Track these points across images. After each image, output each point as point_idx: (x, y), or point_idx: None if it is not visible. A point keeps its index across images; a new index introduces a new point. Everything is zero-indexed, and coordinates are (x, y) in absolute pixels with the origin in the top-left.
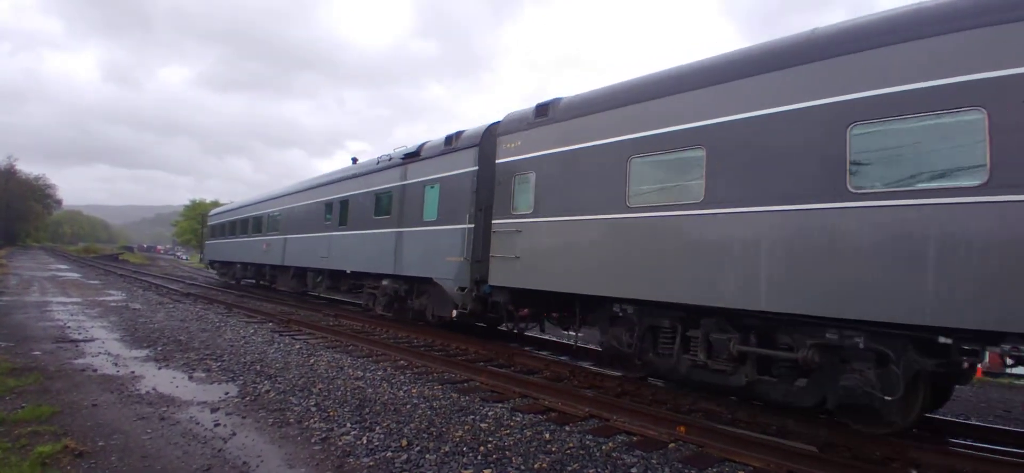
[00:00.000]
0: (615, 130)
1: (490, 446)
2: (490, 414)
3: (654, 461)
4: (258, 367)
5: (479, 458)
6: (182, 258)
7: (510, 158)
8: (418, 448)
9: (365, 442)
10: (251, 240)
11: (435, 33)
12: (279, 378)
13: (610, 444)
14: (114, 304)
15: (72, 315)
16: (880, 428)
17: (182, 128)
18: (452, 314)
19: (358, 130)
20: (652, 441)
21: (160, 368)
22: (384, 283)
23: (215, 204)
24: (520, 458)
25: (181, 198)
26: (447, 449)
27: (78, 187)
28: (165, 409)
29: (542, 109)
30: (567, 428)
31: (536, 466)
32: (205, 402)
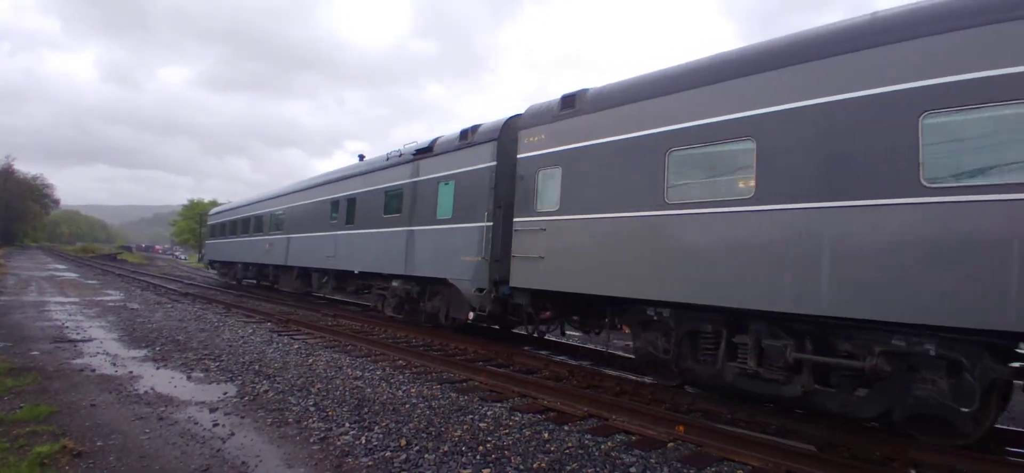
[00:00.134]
0: (651, 121)
1: (489, 446)
2: (489, 414)
3: (653, 460)
4: (256, 367)
5: (478, 458)
6: (180, 258)
7: (533, 152)
8: (417, 448)
9: (364, 442)
10: (253, 240)
11: (435, 33)
12: (278, 378)
13: (609, 443)
14: (112, 304)
15: (70, 315)
16: (953, 441)
17: (181, 128)
18: (468, 317)
19: (357, 130)
20: (651, 440)
21: (158, 368)
22: (394, 284)
23: (214, 204)
24: (519, 458)
25: (180, 198)
26: (446, 449)
27: (76, 187)
28: (163, 409)
29: (568, 101)
30: (566, 427)
31: (535, 465)
32: (203, 402)
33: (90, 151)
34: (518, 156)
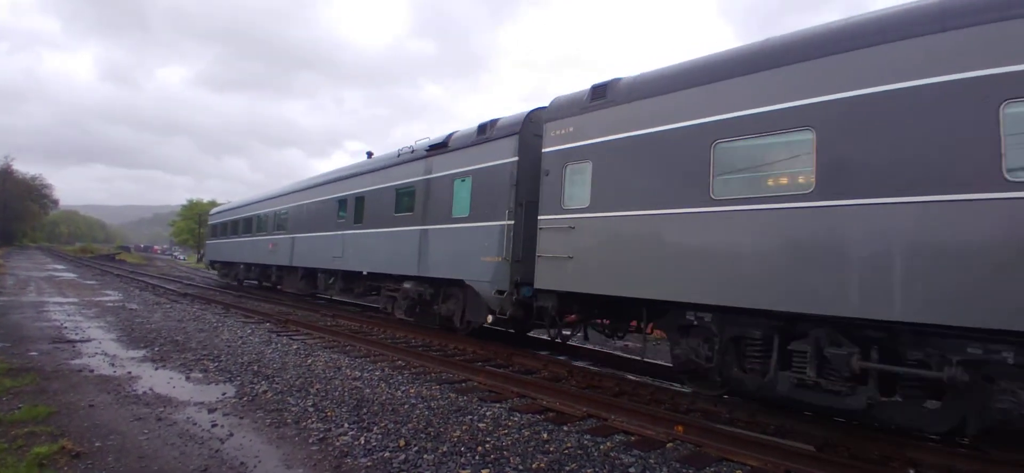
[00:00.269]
0: (695, 111)
1: (488, 446)
2: (488, 414)
3: (652, 461)
4: (255, 367)
5: (477, 458)
6: (179, 258)
7: (560, 146)
8: (416, 448)
9: (363, 442)
10: (256, 239)
11: (433, 33)
12: (276, 378)
13: (608, 444)
14: (111, 304)
15: (69, 315)
16: None
17: (180, 128)
18: (487, 320)
19: (356, 130)
20: (650, 441)
21: (157, 368)
22: (406, 286)
23: (213, 204)
24: (518, 458)
25: (179, 198)
26: (445, 449)
27: (75, 187)
28: (162, 409)
29: (599, 91)
30: (565, 428)
31: (534, 466)
32: (202, 402)
33: (89, 151)
34: (543, 150)
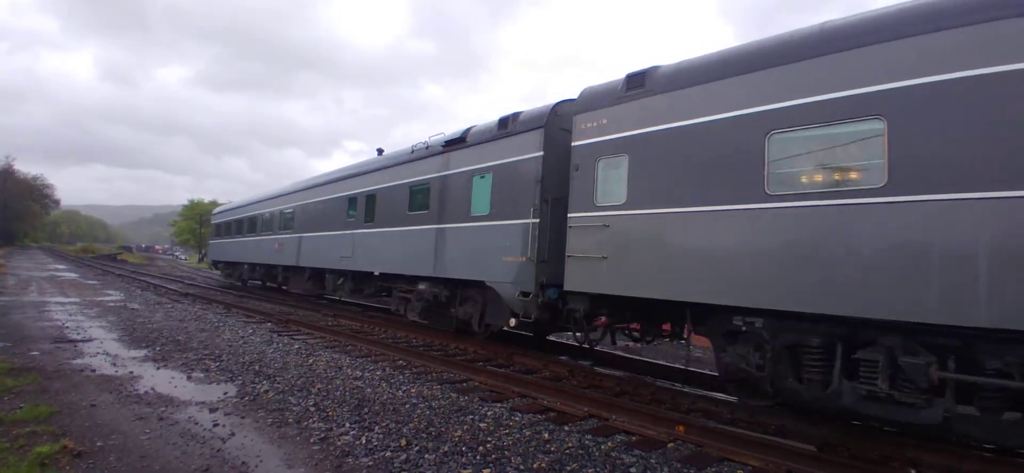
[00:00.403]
0: (747, 99)
1: (489, 446)
2: (489, 414)
3: (653, 461)
4: (257, 367)
5: (478, 458)
6: (180, 258)
7: (592, 139)
8: (417, 448)
9: (364, 442)
10: (261, 239)
11: (432, 33)
12: (278, 378)
13: (609, 444)
14: (112, 304)
15: (70, 315)
16: None
17: (180, 128)
18: (509, 323)
19: (356, 130)
20: (651, 441)
21: (158, 368)
22: (421, 287)
23: (214, 204)
24: (519, 458)
25: (179, 198)
26: (446, 449)
27: (76, 187)
28: (163, 409)
29: (635, 80)
30: (566, 428)
31: (535, 466)
32: (204, 402)
33: (89, 151)
34: (573, 144)
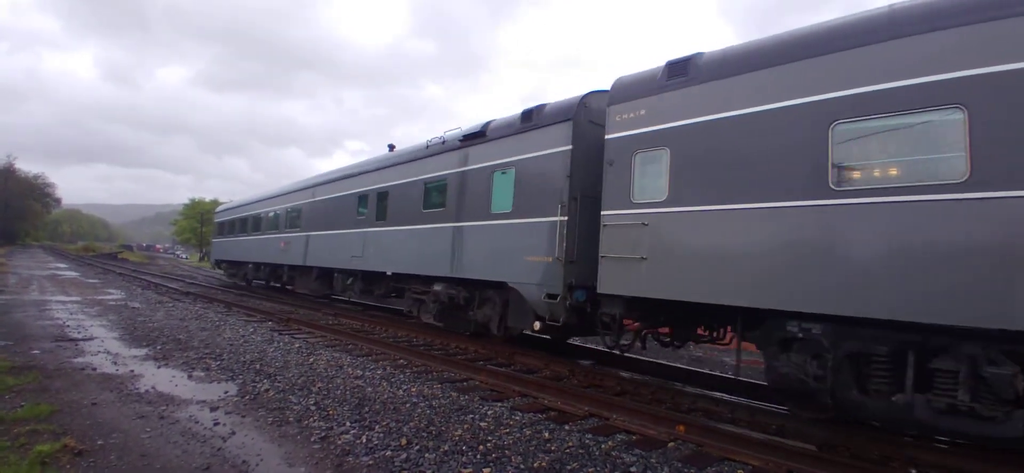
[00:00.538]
0: (807, 87)
1: (489, 445)
2: (489, 413)
3: (653, 460)
4: (257, 366)
5: (478, 457)
6: (181, 257)
7: (627, 132)
8: (417, 447)
9: (364, 441)
10: (266, 238)
11: (432, 33)
12: (278, 377)
13: (609, 443)
14: (113, 303)
15: (71, 314)
16: None
17: (181, 127)
18: (533, 327)
19: (356, 129)
20: (651, 440)
21: (159, 367)
22: (436, 288)
23: (215, 203)
24: (519, 457)
25: (180, 197)
26: (446, 448)
27: (77, 186)
28: (164, 408)
29: (677, 68)
30: (566, 427)
31: (535, 465)
32: (204, 401)
33: (90, 150)
34: (606, 137)
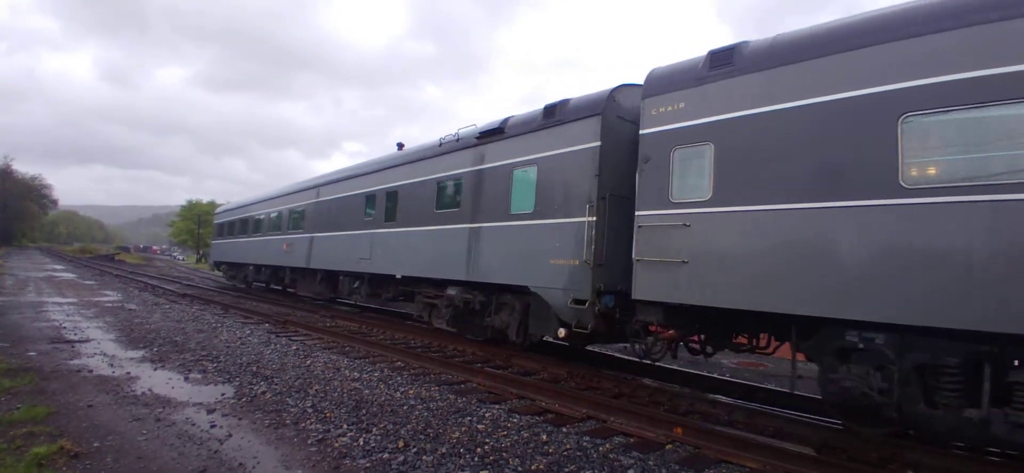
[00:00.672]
0: (872, 77)
1: (487, 447)
2: (487, 415)
3: (651, 462)
4: (254, 368)
5: (476, 459)
6: (178, 259)
7: (665, 126)
8: (415, 449)
9: (362, 443)
10: (268, 239)
11: (431, 34)
12: (275, 379)
13: (607, 445)
14: (110, 305)
15: (68, 316)
16: None
17: (178, 128)
18: (558, 334)
19: (355, 131)
20: (649, 442)
21: (156, 369)
22: (450, 292)
23: (212, 205)
24: (517, 459)
25: (177, 198)
26: (444, 450)
27: (74, 187)
28: (161, 410)
29: (721, 57)
30: (564, 429)
31: (533, 467)
32: (201, 403)
33: (88, 151)
34: (641, 132)
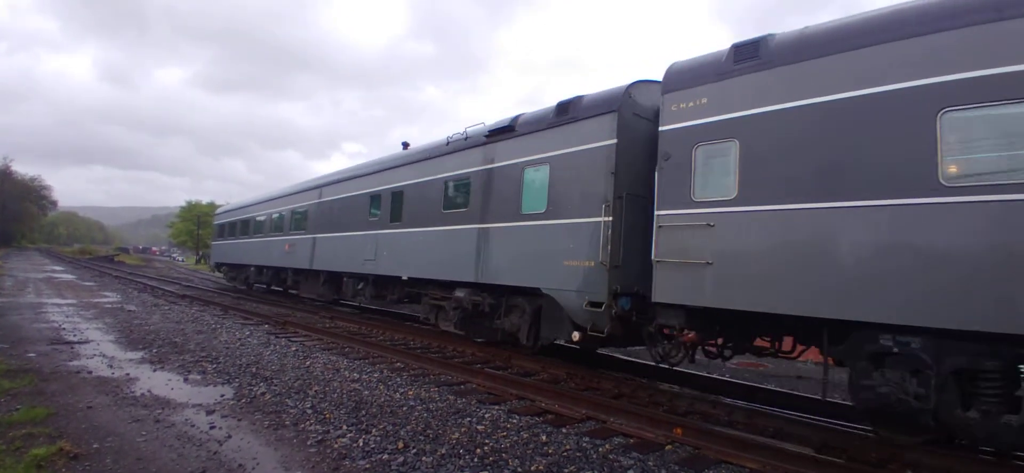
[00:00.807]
0: (908, 70)
1: (487, 448)
2: (487, 416)
3: (651, 463)
4: (254, 369)
5: (476, 460)
6: (178, 260)
7: (687, 123)
8: (415, 450)
9: (361, 444)
10: (270, 240)
11: (430, 35)
12: (275, 380)
13: (607, 446)
14: (109, 306)
15: (67, 317)
16: None
17: (178, 129)
18: (572, 337)
19: (354, 131)
20: (649, 443)
21: (155, 370)
22: (459, 294)
23: (212, 205)
24: (517, 460)
25: (177, 199)
26: (444, 451)
27: (74, 188)
28: (160, 411)
29: (746, 50)
30: (564, 430)
31: (533, 468)
32: (200, 404)
33: (87, 152)
34: (661, 129)
